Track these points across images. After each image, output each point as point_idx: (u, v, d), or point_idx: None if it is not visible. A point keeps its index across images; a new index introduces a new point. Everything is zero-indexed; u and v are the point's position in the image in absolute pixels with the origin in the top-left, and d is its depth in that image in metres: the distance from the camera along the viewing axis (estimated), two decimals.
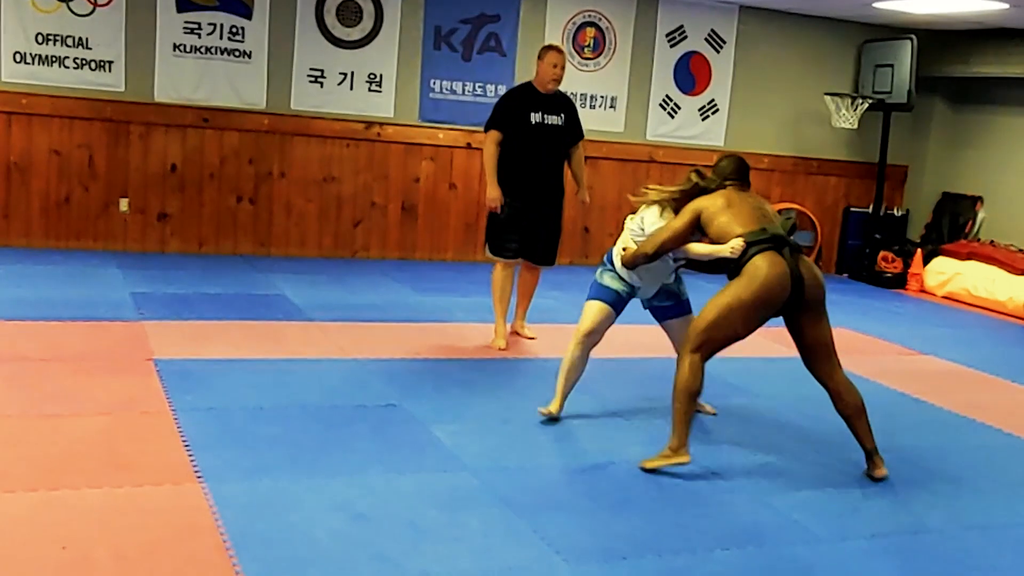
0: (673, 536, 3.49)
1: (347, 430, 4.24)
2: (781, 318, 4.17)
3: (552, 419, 4.62)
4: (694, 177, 4.39)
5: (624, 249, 4.50)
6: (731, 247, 4.07)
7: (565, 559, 3.21)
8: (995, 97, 9.81)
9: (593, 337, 4.66)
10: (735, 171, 4.38)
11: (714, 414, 4.91)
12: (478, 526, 3.41)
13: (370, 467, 3.83)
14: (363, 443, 4.10)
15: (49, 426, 4.00)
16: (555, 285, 8.21)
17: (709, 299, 4.10)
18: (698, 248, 4.24)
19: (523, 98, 5.93)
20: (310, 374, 5.03)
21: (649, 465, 4.05)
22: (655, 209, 4.47)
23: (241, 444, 3.95)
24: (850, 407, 4.19)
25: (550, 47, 5.98)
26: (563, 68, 5.90)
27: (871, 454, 4.22)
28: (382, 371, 5.19)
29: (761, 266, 3.99)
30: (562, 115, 5.97)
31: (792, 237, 4.16)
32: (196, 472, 3.60)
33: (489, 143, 5.92)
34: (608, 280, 4.62)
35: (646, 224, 4.46)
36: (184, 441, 3.90)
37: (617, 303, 4.62)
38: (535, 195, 5.94)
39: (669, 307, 4.75)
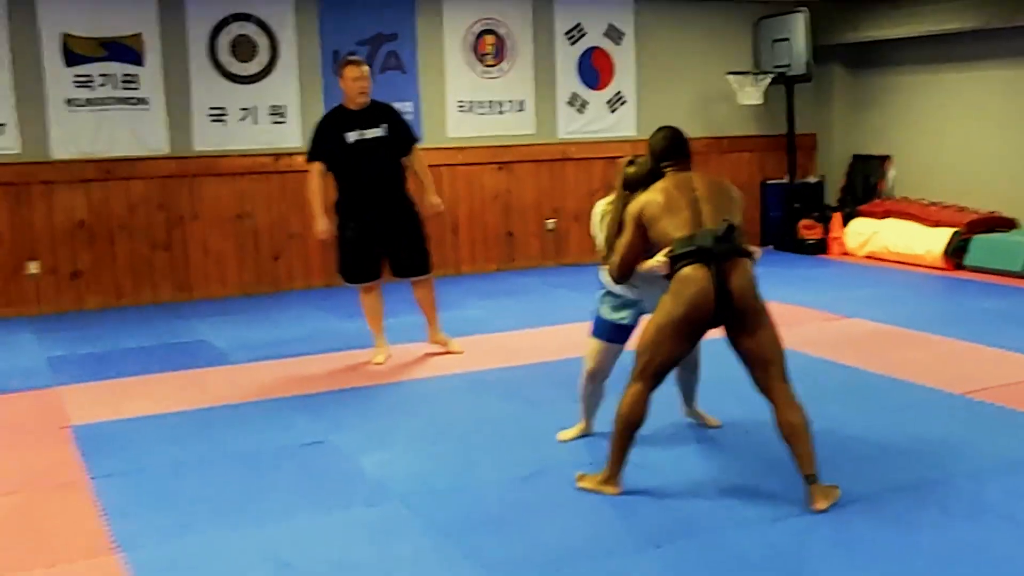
0: (606, 540, 3.48)
1: (272, 474, 4.18)
2: None
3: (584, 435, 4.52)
4: (628, 168, 4.07)
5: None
6: (658, 263, 3.79)
7: None
8: (890, 59, 10.00)
9: (599, 376, 4.36)
10: (668, 151, 3.96)
11: (718, 426, 4.59)
12: (409, 556, 3.37)
13: (296, 510, 3.76)
14: (289, 485, 4.03)
15: None
16: (483, 293, 8.22)
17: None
18: (640, 267, 3.92)
19: (335, 121, 5.84)
20: (233, 420, 4.94)
21: (581, 484, 3.92)
22: (599, 217, 4.23)
23: (162, 504, 3.86)
24: (786, 426, 3.72)
25: (347, 62, 5.86)
26: (367, 79, 5.79)
27: (808, 481, 3.68)
28: (308, 407, 5.13)
29: (684, 282, 3.68)
30: (384, 125, 5.84)
31: (723, 240, 3.71)
32: (113, 542, 3.51)
33: (311, 176, 5.87)
34: (605, 311, 4.26)
35: (595, 231, 4.26)
36: (101, 510, 3.80)
37: (617, 334, 4.25)
38: (376, 213, 5.84)
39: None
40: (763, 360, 3.75)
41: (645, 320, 3.97)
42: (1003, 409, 4.81)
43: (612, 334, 4.26)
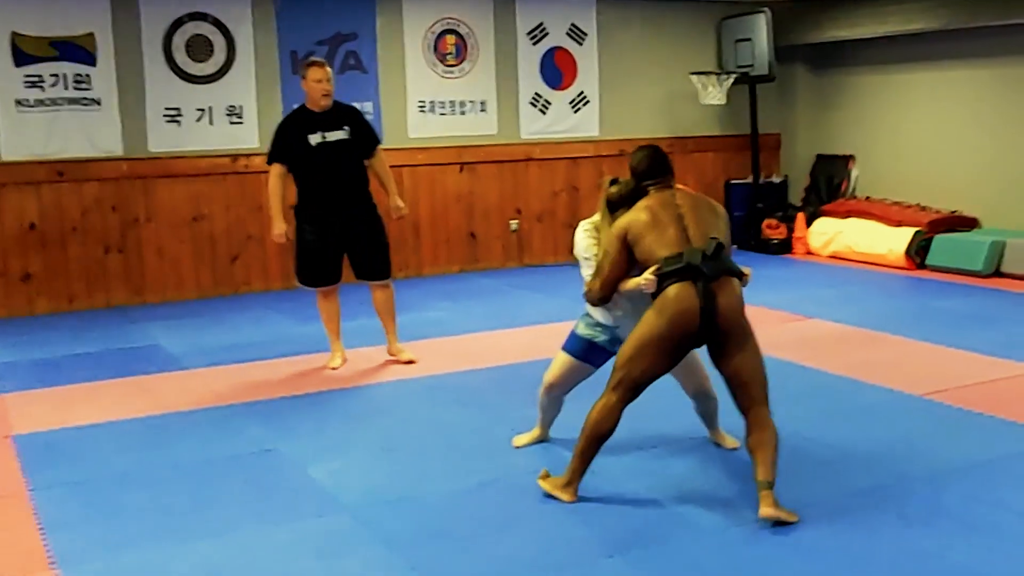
0: (558, 551, 3.40)
1: (219, 485, 4.06)
2: None
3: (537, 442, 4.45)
4: (611, 189, 3.95)
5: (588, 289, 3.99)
6: (645, 281, 3.70)
7: None
8: (851, 59, 10.02)
9: (557, 390, 4.26)
10: (650, 169, 3.88)
11: (735, 447, 4.30)
12: (356, 570, 3.28)
13: (242, 523, 3.66)
14: (236, 497, 3.93)
15: None
16: (445, 295, 8.14)
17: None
18: (624, 285, 3.83)
19: (298, 122, 5.75)
20: (183, 428, 4.83)
21: (542, 484, 3.84)
22: (586, 236, 4.07)
23: (104, 518, 3.74)
24: (751, 441, 3.68)
25: (310, 63, 5.78)
26: (330, 80, 5.70)
27: (761, 487, 3.59)
28: (259, 414, 5.02)
29: (669, 300, 3.62)
30: (346, 127, 5.75)
31: (711, 259, 3.66)
32: (50, 558, 3.39)
33: (272, 177, 5.77)
34: (581, 328, 4.15)
35: (579, 252, 4.10)
36: (39, 525, 3.67)
37: (589, 354, 4.12)
38: (337, 216, 5.75)
39: None
40: (745, 382, 3.71)
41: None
42: (961, 411, 4.80)
43: (582, 352, 4.15)
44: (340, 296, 6.03)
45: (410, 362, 5.94)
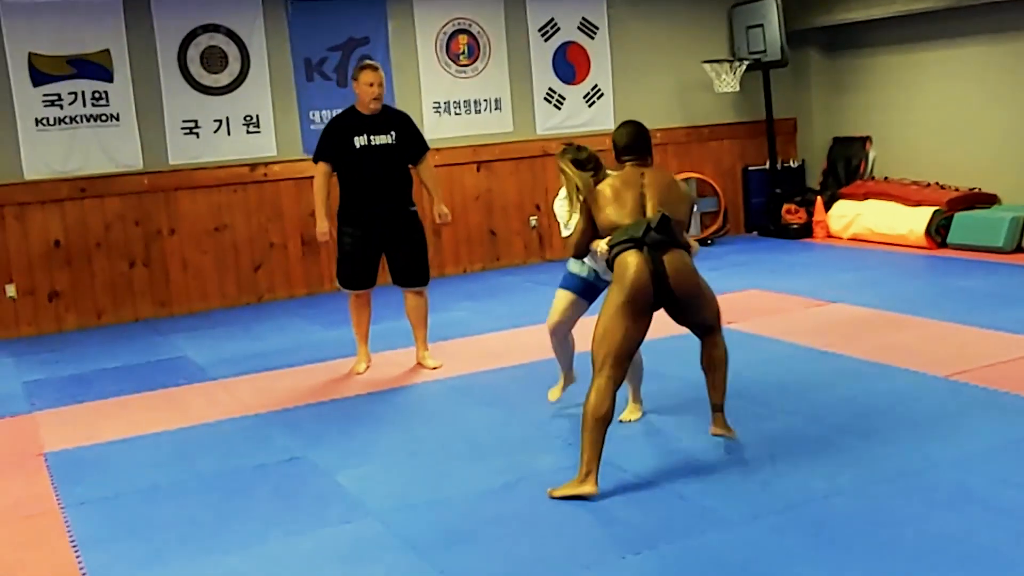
0: (582, 550, 3.42)
1: (246, 495, 4.11)
2: None
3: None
4: (566, 155, 4.18)
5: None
6: (599, 249, 4.07)
7: None
8: (864, 40, 9.96)
9: (562, 328, 4.68)
10: (629, 145, 4.13)
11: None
12: None
13: (269, 532, 3.70)
14: (263, 507, 3.97)
15: None
16: (468, 294, 8.17)
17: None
18: (593, 245, 4.16)
19: (346, 123, 5.76)
20: (211, 439, 4.88)
21: (556, 494, 3.84)
22: (560, 203, 4.45)
23: (134, 533, 3.80)
24: (707, 359, 4.19)
25: (363, 66, 5.77)
26: (381, 85, 5.71)
27: (714, 409, 4.20)
28: (286, 422, 5.07)
29: (624, 267, 3.90)
30: (393, 133, 5.76)
31: (656, 231, 3.90)
32: (83, 574, 3.45)
33: (317, 176, 5.79)
34: (573, 266, 4.62)
35: (559, 219, 4.48)
36: (72, 541, 3.74)
37: (584, 289, 4.60)
38: (377, 219, 5.77)
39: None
40: (705, 328, 4.17)
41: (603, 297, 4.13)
42: (987, 391, 4.77)
43: (576, 287, 4.61)
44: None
45: (436, 368, 5.96)
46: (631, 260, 3.89)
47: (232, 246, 8.48)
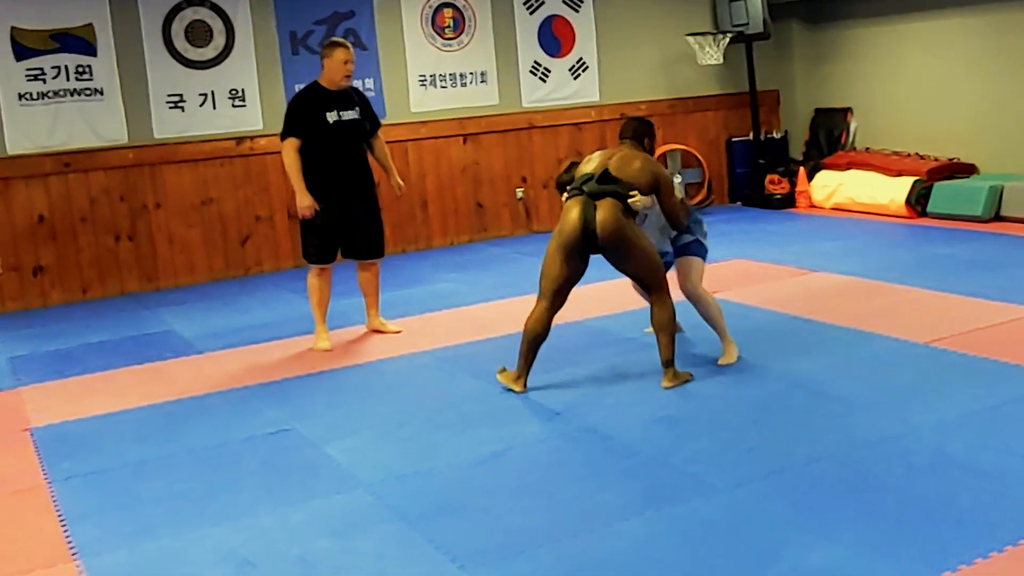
0: (570, 518, 3.46)
1: (235, 468, 4.13)
2: None
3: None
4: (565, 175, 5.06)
5: None
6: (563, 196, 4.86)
7: (461, 565, 3.16)
8: (845, 12, 9.98)
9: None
10: (621, 131, 5.06)
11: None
12: (372, 548, 3.34)
13: (258, 505, 3.72)
14: (252, 479, 4.00)
15: None
16: (455, 266, 8.18)
17: None
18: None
19: (315, 99, 5.75)
20: (199, 412, 4.90)
21: (499, 378, 4.83)
22: None
23: (121, 507, 3.81)
24: (656, 321, 4.72)
25: (336, 43, 5.79)
26: (353, 63, 5.78)
27: (664, 365, 4.71)
28: (274, 394, 5.09)
29: (564, 213, 4.68)
30: (357, 108, 5.82)
31: (598, 181, 4.61)
32: (71, 549, 3.46)
33: (288, 151, 5.76)
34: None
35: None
36: (59, 516, 3.74)
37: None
38: (346, 194, 5.82)
39: (668, 253, 5.18)
40: (640, 280, 4.83)
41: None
42: (966, 356, 4.84)
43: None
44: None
45: (393, 332, 6.09)
46: (568, 205, 4.68)
47: (219, 219, 8.47)
